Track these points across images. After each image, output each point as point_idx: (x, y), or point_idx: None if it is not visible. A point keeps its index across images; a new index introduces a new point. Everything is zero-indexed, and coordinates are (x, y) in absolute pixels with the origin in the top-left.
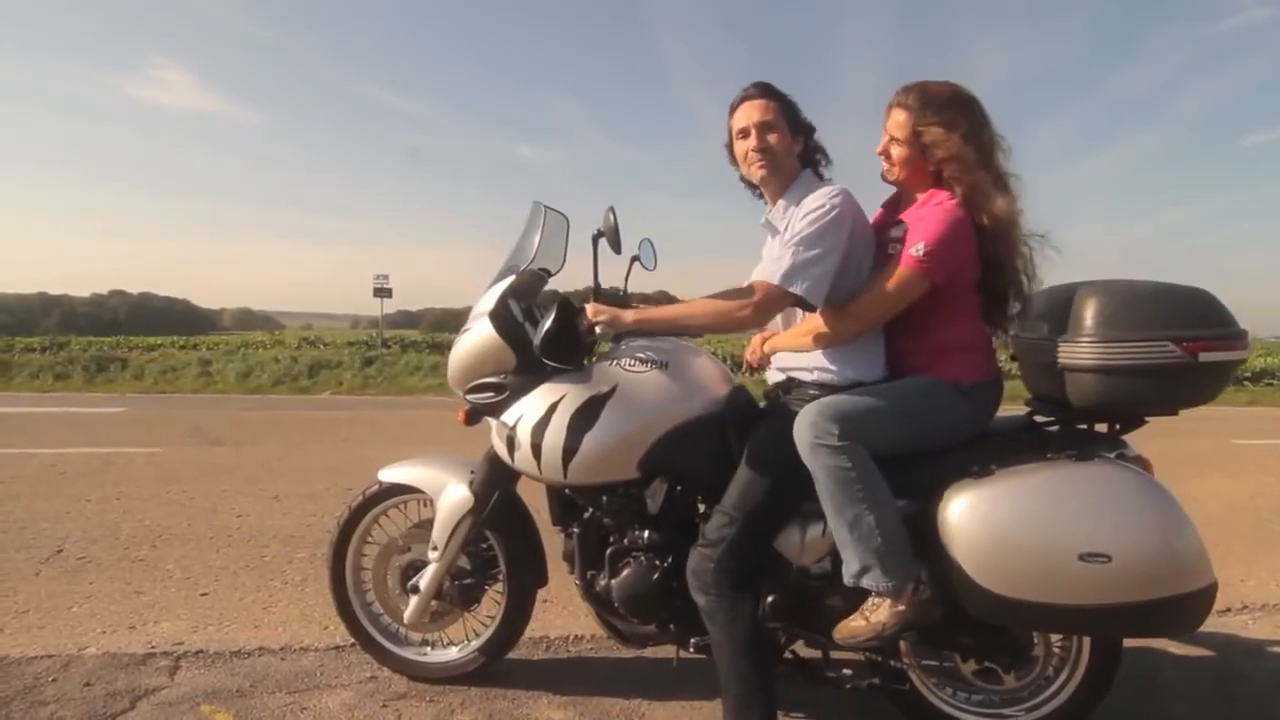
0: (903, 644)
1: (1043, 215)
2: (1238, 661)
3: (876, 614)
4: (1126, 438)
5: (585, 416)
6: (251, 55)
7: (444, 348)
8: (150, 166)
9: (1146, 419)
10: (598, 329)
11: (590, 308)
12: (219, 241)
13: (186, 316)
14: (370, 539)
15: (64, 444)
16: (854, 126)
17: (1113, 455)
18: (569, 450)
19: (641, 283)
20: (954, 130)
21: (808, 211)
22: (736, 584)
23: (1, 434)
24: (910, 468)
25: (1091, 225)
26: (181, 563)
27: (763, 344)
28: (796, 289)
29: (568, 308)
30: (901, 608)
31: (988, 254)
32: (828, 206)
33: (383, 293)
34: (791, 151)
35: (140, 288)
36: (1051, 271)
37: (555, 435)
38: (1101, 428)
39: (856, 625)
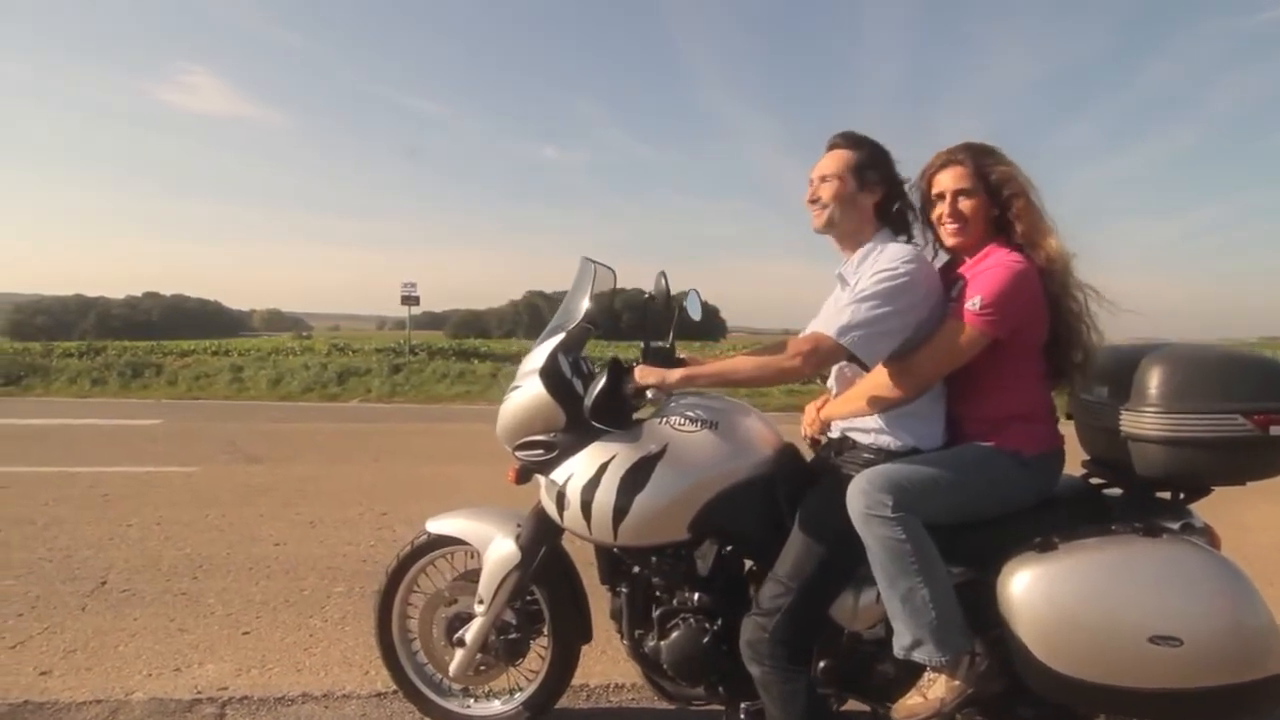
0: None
1: (1070, 216)
2: None
3: (934, 689)
4: (1193, 507)
5: (636, 477)
6: (277, 59)
7: (470, 355)
8: (181, 170)
9: (1213, 489)
10: (648, 393)
11: (639, 370)
12: (248, 243)
13: (217, 318)
14: (417, 588)
15: (104, 462)
16: (874, 126)
17: (1177, 526)
18: (620, 510)
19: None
20: (1013, 166)
21: (878, 270)
22: (793, 656)
23: (45, 450)
24: (967, 535)
25: (1121, 225)
26: (222, 596)
27: (818, 412)
28: (850, 343)
29: (618, 369)
30: (958, 682)
31: (1049, 301)
32: (900, 269)
33: (410, 301)
34: (855, 203)
35: (173, 289)
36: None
37: (606, 495)
38: (1165, 493)
39: (914, 703)
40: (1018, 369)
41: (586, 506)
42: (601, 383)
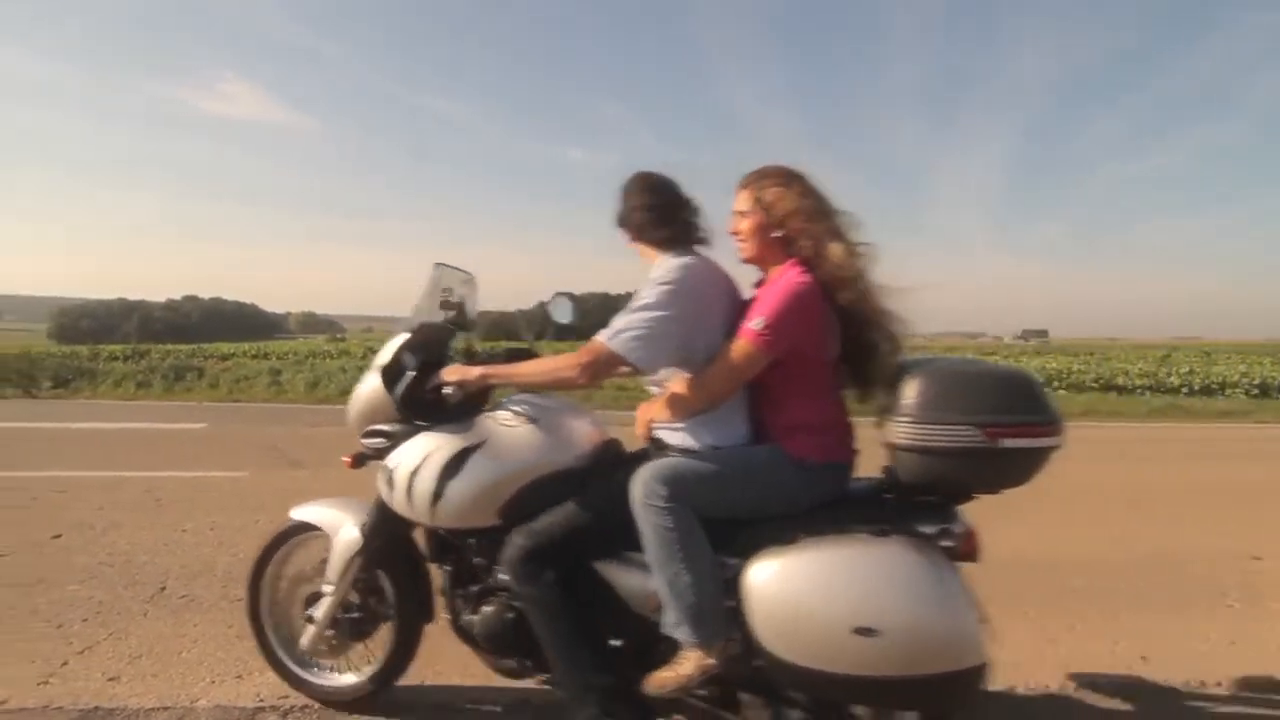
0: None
1: (1104, 213)
2: None
3: (684, 666)
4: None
5: (453, 465)
6: (312, 67)
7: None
8: (219, 175)
9: (973, 495)
10: (447, 389)
11: (446, 369)
12: (284, 247)
13: (254, 321)
14: (285, 571)
15: (155, 466)
16: (900, 122)
17: (934, 530)
18: (436, 495)
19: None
20: (790, 186)
21: (653, 280)
22: (541, 564)
23: (97, 455)
24: (747, 530)
25: (1154, 223)
26: None
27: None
28: (621, 348)
29: (427, 368)
30: (710, 661)
31: (843, 316)
32: (670, 278)
33: (448, 306)
34: (645, 231)
35: (211, 292)
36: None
37: (425, 482)
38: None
39: (665, 675)
40: (805, 382)
41: (409, 491)
42: (406, 379)
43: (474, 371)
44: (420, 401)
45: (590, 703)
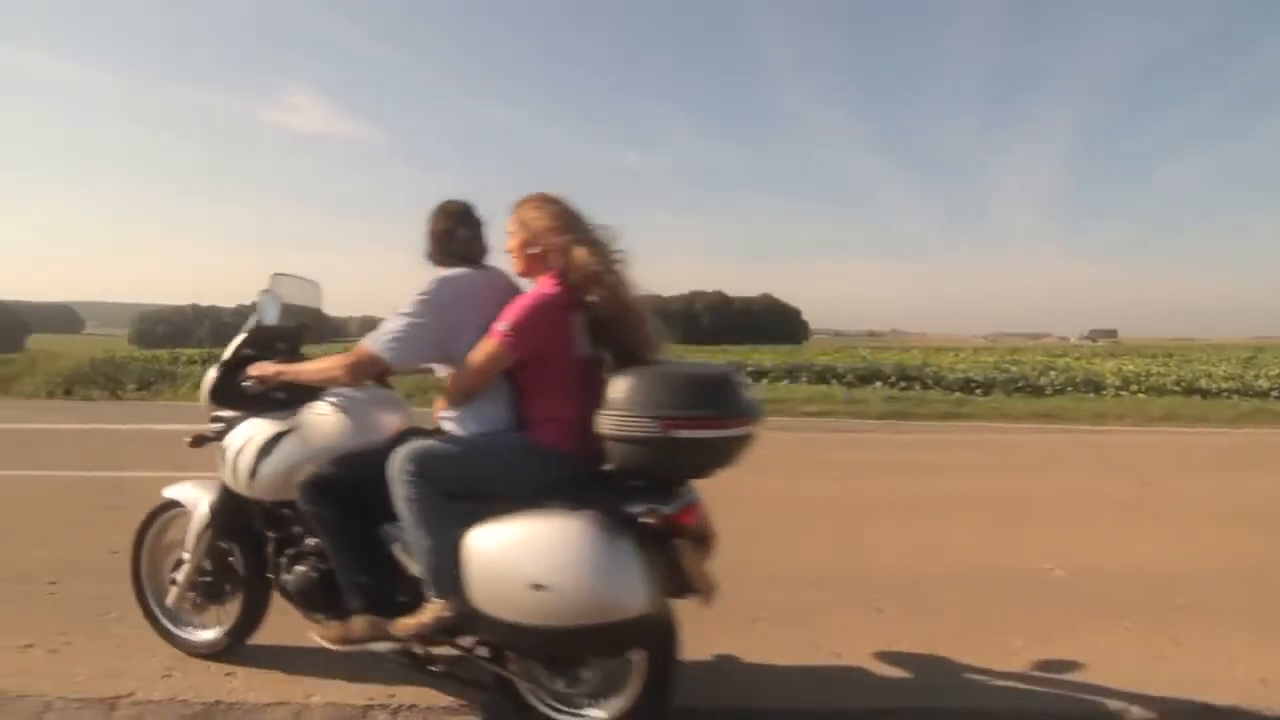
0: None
1: (1172, 210)
2: None
3: (424, 615)
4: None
5: (268, 447)
6: (373, 77)
7: None
8: (287, 184)
9: (685, 480)
10: (247, 382)
11: (255, 366)
12: (345, 253)
13: (318, 325)
14: (162, 541)
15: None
16: (959, 120)
17: (641, 508)
18: (252, 472)
19: None
20: (543, 208)
21: (414, 291)
22: (324, 492)
23: (187, 455)
24: (496, 505)
25: (1225, 219)
26: None
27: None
28: (378, 350)
29: (235, 364)
30: (446, 614)
31: (602, 323)
32: (426, 289)
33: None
34: (431, 254)
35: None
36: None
37: (246, 460)
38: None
39: (409, 621)
40: (551, 380)
41: (234, 468)
42: (211, 373)
43: (270, 369)
44: (230, 392)
45: (358, 598)
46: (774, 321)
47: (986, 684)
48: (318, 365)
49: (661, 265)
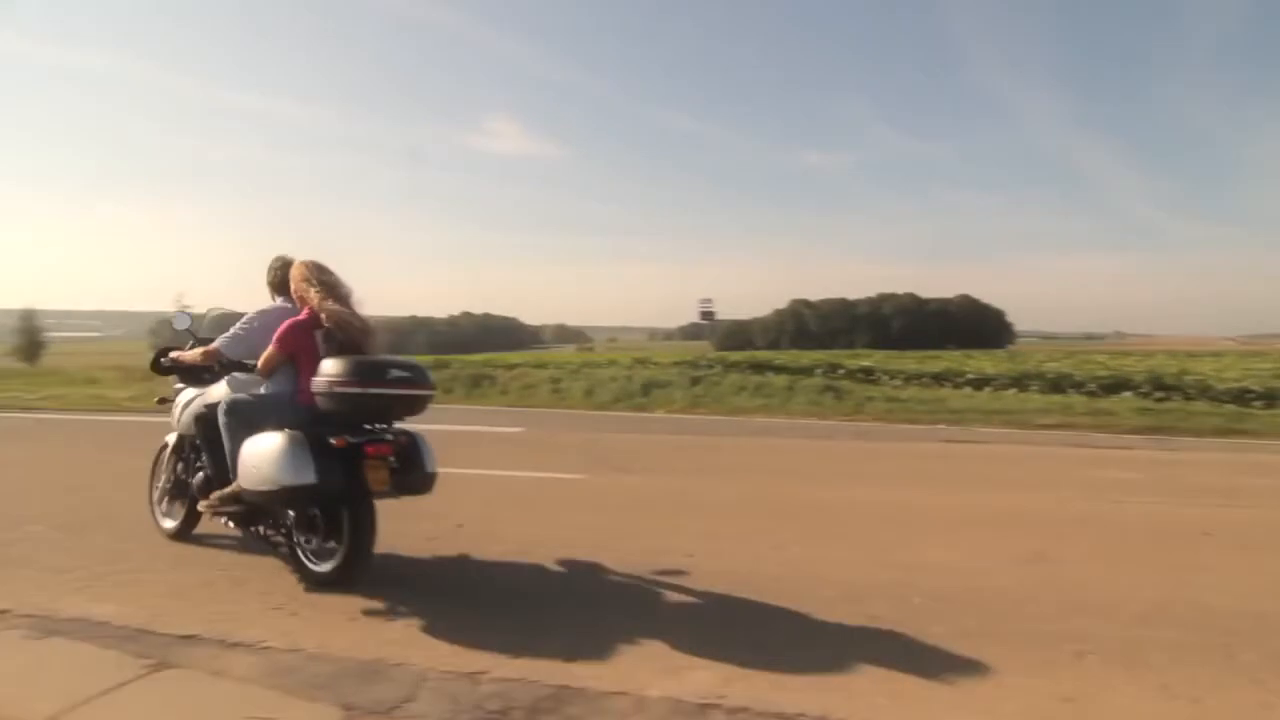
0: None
1: None
2: None
3: (232, 488)
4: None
5: (188, 403)
6: (564, 99)
7: (765, 368)
8: (486, 204)
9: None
10: (165, 361)
11: (176, 352)
12: (539, 266)
13: (515, 334)
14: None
15: (502, 466)
16: (1193, 95)
17: (334, 435)
18: (179, 419)
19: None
20: (301, 269)
21: (248, 314)
22: (204, 425)
23: (452, 453)
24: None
25: None
26: (685, 601)
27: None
28: (220, 346)
29: (164, 350)
30: (234, 490)
31: (327, 332)
32: (251, 314)
33: (708, 316)
34: (270, 290)
35: (481, 309)
36: None
37: (178, 410)
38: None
39: (225, 493)
40: (305, 367)
41: (177, 417)
42: (151, 356)
43: (185, 356)
44: (160, 369)
45: (216, 483)
46: (973, 324)
47: None
48: (194, 354)
49: (843, 268)
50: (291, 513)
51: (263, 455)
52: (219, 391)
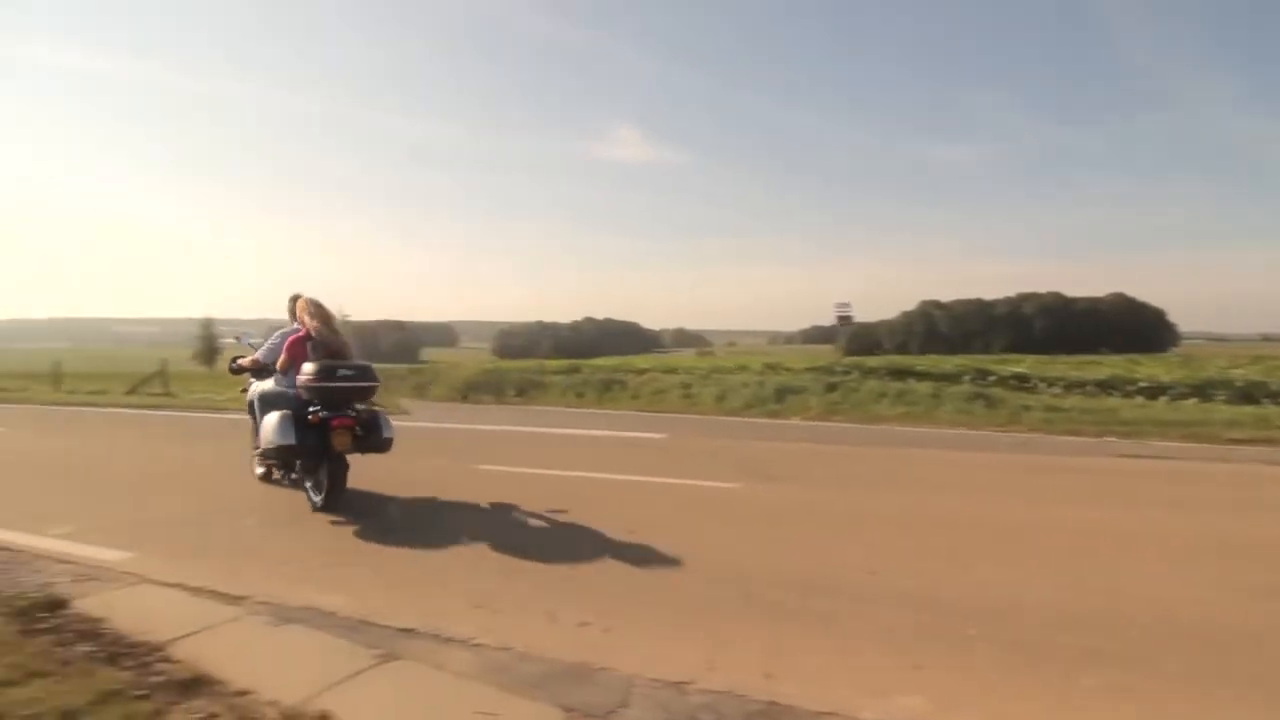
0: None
1: None
2: None
3: (257, 450)
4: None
5: (256, 392)
6: (681, 105)
7: (906, 374)
8: (608, 211)
9: (338, 406)
10: (234, 366)
11: (240, 360)
12: (659, 270)
13: (635, 338)
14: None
15: (654, 473)
16: None
17: (312, 413)
18: (248, 401)
19: None
20: (301, 301)
21: (276, 333)
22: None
23: (599, 458)
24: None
25: None
26: (869, 620)
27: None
28: (259, 355)
29: (236, 358)
30: (261, 449)
31: (314, 343)
32: (275, 334)
33: (845, 321)
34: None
35: (603, 314)
36: None
37: (250, 394)
38: None
39: (256, 454)
40: (297, 364)
41: (250, 397)
42: (230, 363)
43: (244, 362)
44: (235, 369)
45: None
46: (1127, 325)
47: None
48: (248, 360)
49: (975, 266)
50: (298, 463)
51: (269, 426)
52: (258, 384)
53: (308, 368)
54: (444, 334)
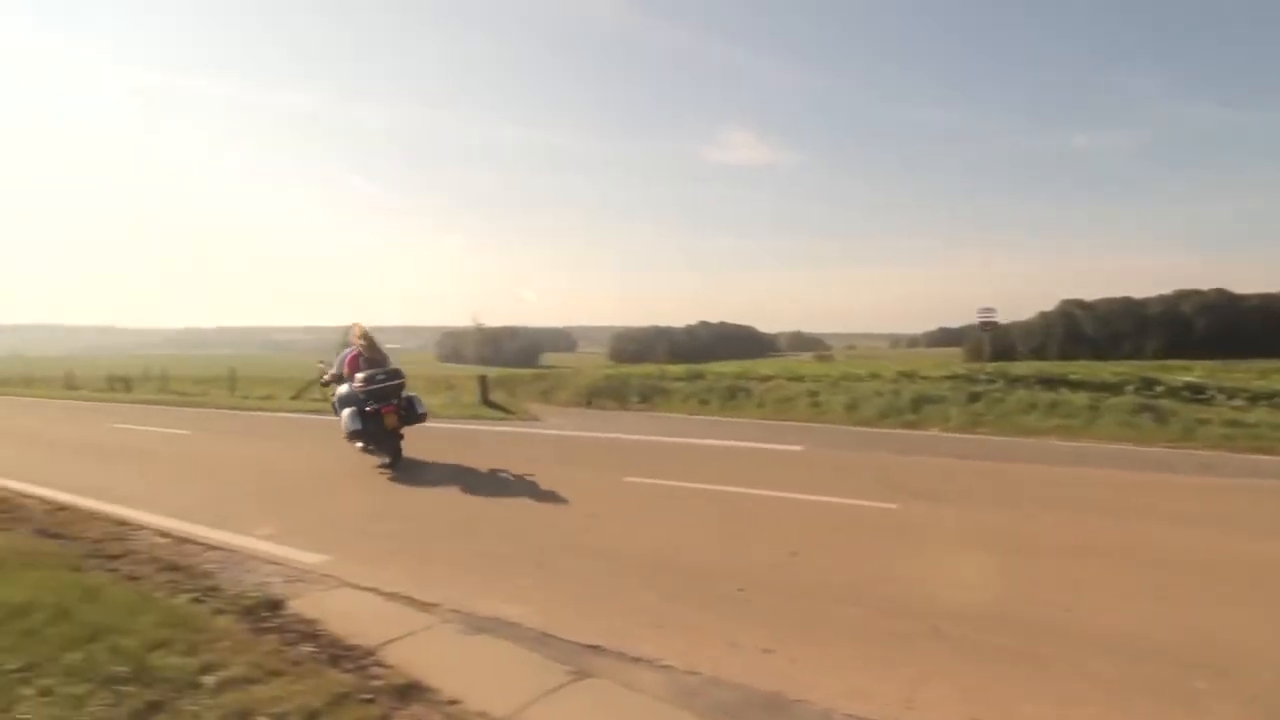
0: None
1: None
2: None
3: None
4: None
5: (337, 391)
6: (794, 104)
7: (1056, 382)
8: (720, 214)
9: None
10: (325, 379)
11: (327, 375)
12: (773, 273)
13: (751, 342)
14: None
15: (799, 489)
16: None
17: (369, 406)
18: (333, 400)
19: None
20: (358, 329)
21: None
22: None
23: (738, 470)
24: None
25: None
26: (1072, 663)
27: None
28: (333, 369)
29: (323, 376)
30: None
31: (363, 358)
32: (339, 352)
33: (988, 326)
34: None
35: (717, 317)
36: None
37: (336, 395)
38: None
39: (345, 436)
40: (352, 370)
41: (335, 398)
42: (322, 378)
43: (327, 375)
44: (325, 383)
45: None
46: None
47: None
48: (330, 374)
49: (1120, 261)
50: (363, 443)
51: (344, 417)
52: (338, 389)
53: (359, 375)
54: (562, 339)
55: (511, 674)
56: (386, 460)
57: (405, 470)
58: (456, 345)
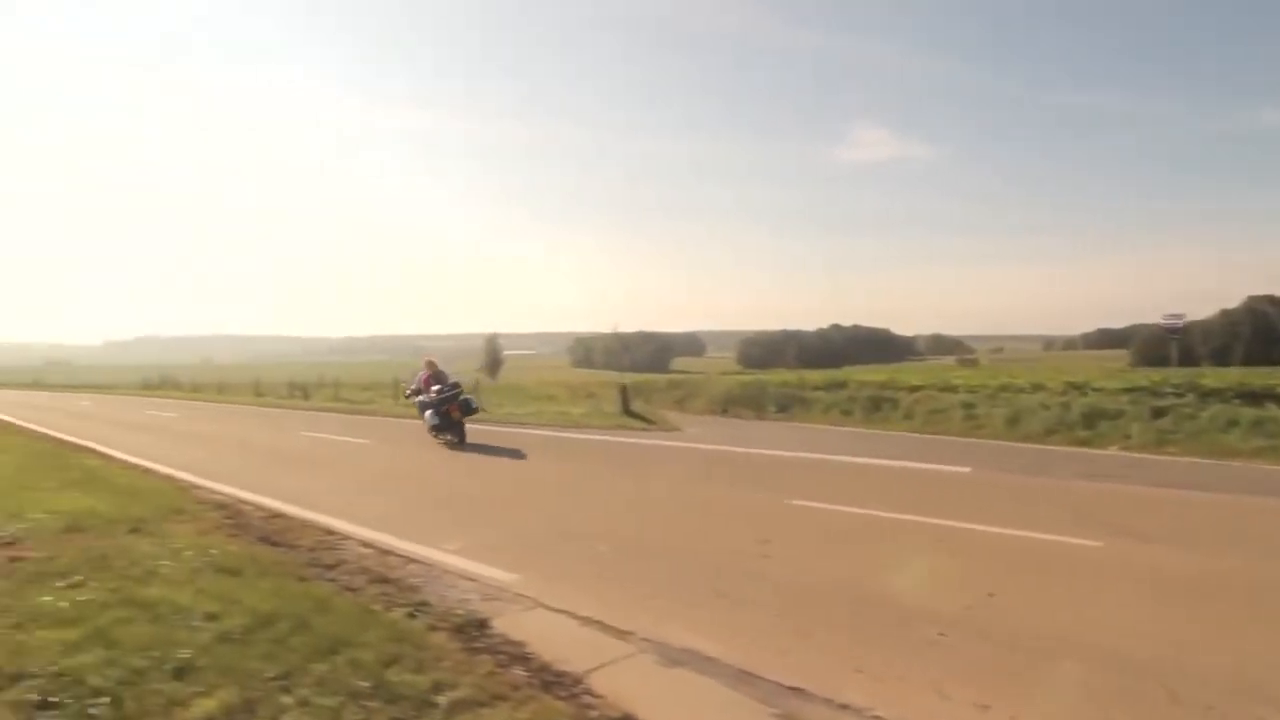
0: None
1: None
2: None
3: (426, 429)
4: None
5: (421, 403)
6: (930, 96)
7: (1261, 397)
8: (849, 214)
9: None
10: (409, 395)
11: (410, 390)
12: (908, 272)
13: (888, 345)
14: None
15: (980, 519)
16: None
17: (441, 403)
18: (420, 406)
19: None
20: (426, 360)
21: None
22: (422, 407)
23: (897, 494)
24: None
25: None
26: None
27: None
28: (410, 387)
29: (407, 390)
30: (430, 424)
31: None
32: (418, 373)
33: (1174, 332)
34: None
35: (849, 320)
36: None
37: (418, 404)
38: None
39: (428, 431)
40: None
41: (420, 406)
42: (408, 393)
43: (409, 390)
44: (408, 396)
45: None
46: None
47: None
48: (412, 390)
49: None
50: (440, 433)
51: (427, 416)
52: (420, 399)
53: (433, 389)
54: (692, 343)
55: (719, 715)
56: (454, 438)
57: (573, 487)
58: (588, 351)
